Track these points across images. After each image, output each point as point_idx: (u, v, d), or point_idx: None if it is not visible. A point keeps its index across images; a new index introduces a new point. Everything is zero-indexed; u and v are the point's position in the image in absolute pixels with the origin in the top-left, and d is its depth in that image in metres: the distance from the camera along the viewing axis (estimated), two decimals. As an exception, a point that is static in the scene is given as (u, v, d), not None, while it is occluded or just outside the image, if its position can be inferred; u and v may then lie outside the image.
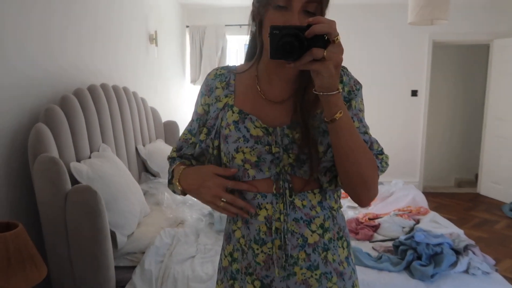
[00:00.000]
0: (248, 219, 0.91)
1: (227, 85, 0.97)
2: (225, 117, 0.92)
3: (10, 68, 1.73)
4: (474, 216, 4.32)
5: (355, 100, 0.90)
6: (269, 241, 0.89)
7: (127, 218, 2.00)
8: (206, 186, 0.88)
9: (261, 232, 0.89)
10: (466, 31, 4.81)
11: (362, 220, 2.45)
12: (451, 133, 5.90)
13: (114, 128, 2.48)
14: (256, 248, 0.90)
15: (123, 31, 3.03)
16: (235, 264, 0.95)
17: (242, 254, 0.93)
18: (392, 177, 3.86)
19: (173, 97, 4.50)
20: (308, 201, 0.89)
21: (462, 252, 1.89)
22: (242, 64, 1.01)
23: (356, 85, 0.92)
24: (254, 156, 0.88)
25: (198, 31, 4.83)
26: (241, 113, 0.91)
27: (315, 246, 0.89)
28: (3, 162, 1.70)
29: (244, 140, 0.89)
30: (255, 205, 0.90)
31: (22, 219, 1.78)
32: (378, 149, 0.92)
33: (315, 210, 0.89)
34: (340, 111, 0.76)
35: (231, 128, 0.90)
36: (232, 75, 0.98)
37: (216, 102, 0.96)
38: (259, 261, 0.90)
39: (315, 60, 0.72)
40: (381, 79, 4.98)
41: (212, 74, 1.00)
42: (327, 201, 0.91)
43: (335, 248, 0.92)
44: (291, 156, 0.87)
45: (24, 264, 1.34)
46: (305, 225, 0.88)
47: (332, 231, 0.92)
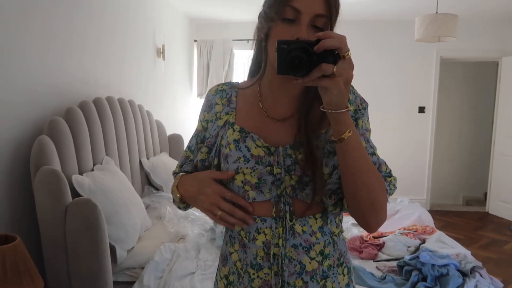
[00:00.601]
0: (246, 243, 0.88)
1: (229, 102, 0.93)
2: (226, 135, 0.89)
3: (17, 80, 1.75)
4: (483, 236, 4.23)
5: (362, 119, 0.86)
6: (266, 267, 0.86)
7: (128, 232, 1.98)
8: (204, 193, 0.85)
9: (258, 257, 0.86)
10: (475, 48, 4.79)
11: (367, 238, 2.41)
12: (459, 150, 5.84)
13: (118, 140, 2.49)
14: (252, 273, 0.87)
15: (131, 45, 3.07)
16: (230, 287, 0.92)
17: (238, 277, 0.90)
18: (398, 195, 3.80)
19: (179, 111, 4.52)
20: (309, 226, 0.85)
21: (468, 274, 1.84)
22: (245, 81, 0.98)
23: (363, 104, 0.88)
24: (255, 178, 0.85)
25: (206, 45, 4.87)
26: (242, 131, 0.87)
27: (313, 274, 0.85)
28: (5, 174, 1.70)
29: (244, 160, 0.85)
30: (254, 229, 0.86)
31: (22, 231, 1.77)
32: (387, 171, 0.86)
33: (315, 236, 0.85)
34: (349, 130, 0.73)
35: (231, 147, 0.87)
36: (234, 92, 0.95)
37: (216, 120, 0.92)
38: (255, 286, 0.87)
39: (324, 76, 0.68)
40: (388, 96, 4.96)
41: (213, 90, 0.97)
42: (328, 226, 0.87)
43: (334, 275, 0.88)
44: (293, 177, 0.83)
45: (20, 278, 1.33)
46: (304, 252, 0.85)
47: (332, 257, 0.88)
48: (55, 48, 2.04)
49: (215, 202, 0.83)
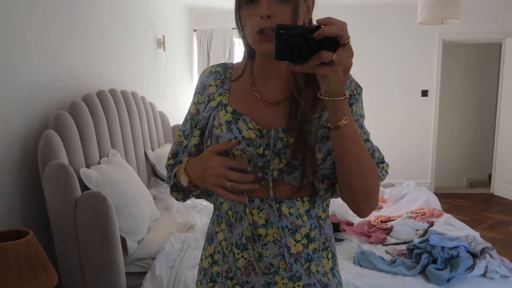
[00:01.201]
0: (232, 222, 0.88)
1: (222, 83, 0.92)
2: (218, 116, 0.88)
3: (19, 75, 1.74)
4: (488, 217, 4.24)
5: (356, 105, 0.85)
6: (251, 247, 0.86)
7: (137, 223, 1.98)
8: (210, 167, 0.81)
9: (243, 237, 0.87)
10: (477, 30, 4.74)
11: (374, 223, 2.41)
12: (462, 133, 5.82)
13: (123, 133, 2.48)
14: (237, 253, 0.88)
15: (131, 36, 3.04)
16: (215, 266, 0.93)
17: (223, 257, 0.91)
18: (403, 179, 3.80)
19: (181, 101, 4.50)
20: (296, 209, 0.85)
21: (479, 255, 1.84)
22: (239, 62, 0.96)
23: (357, 89, 0.87)
24: (245, 159, 0.84)
25: (206, 34, 4.83)
26: (235, 113, 0.86)
27: (297, 256, 0.86)
28: (14, 169, 1.70)
29: None
30: (241, 208, 0.86)
31: (33, 226, 1.78)
32: (379, 157, 0.87)
33: (301, 219, 0.86)
34: (345, 118, 0.72)
35: (223, 128, 0.86)
36: (228, 73, 0.94)
37: (209, 101, 0.91)
38: (240, 266, 0.88)
39: (323, 63, 0.67)
40: (390, 80, 4.93)
41: (207, 71, 0.96)
42: (315, 210, 0.88)
43: (319, 259, 0.88)
44: (282, 161, 0.83)
45: (35, 272, 1.34)
46: (289, 234, 0.85)
47: (318, 241, 0.88)
48: (56, 42, 2.02)
49: (221, 173, 0.80)
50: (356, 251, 2.01)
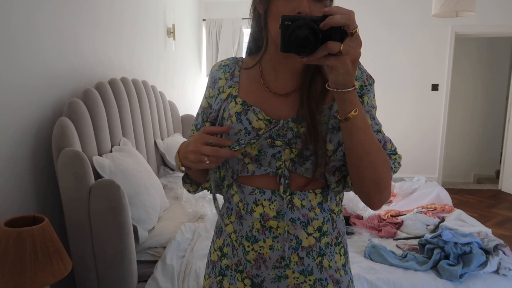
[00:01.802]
0: (243, 214, 0.87)
1: (232, 76, 0.92)
2: (228, 108, 0.87)
3: (33, 64, 1.73)
4: (497, 214, 4.22)
5: (368, 95, 0.84)
6: (261, 240, 0.85)
7: (149, 212, 1.99)
8: (189, 144, 0.80)
9: (254, 229, 0.85)
10: (490, 24, 4.67)
11: (385, 217, 2.40)
12: (471, 128, 5.78)
13: (134, 121, 2.48)
14: (247, 245, 0.86)
15: (142, 25, 3.02)
16: (224, 259, 0.92)
17: (232, 250, 0.89)
18: (410, 173, 3.80)
19: (190, 91, 4.49)
20: (308, 201, 0.84)
21: (492, 252, 1.83)
22: (248, 57, 0.96)
23: (369, 80, 0.85)
24: (255, 150, 0.84)
25: (215, 24, 4.79)
26: (244, 104, 0.86)
27: (309, 250, 0.85)
28: (29, 156, 1.70)
29: (245, 133, 0.84)
30: (252, 200, 0.85)
31: (46, 213, 1.78)
32: (392, 148, 0.85)
33: (314, 212, 0.84)
34: (355, 109, 0.71)
35: (232, 119, 0.85)
36: (237, 67, 0.94)
37: (219, 94, 0.91)
38: (250, 259, 0.86)
39: (330, 54, 0.65)
40: (401, 73, 4.88)
41: (217, 65, 0.96)
42: (328, 203, 0.86)
43: (331, 254, 0.87)
44: (293, 151, 0.82)
45: (50, 258, 1.34)
46: (301, 227, 0.84)
47: (330, 235, 0.87)
48: (68, 31, 2.00)
49: (196, 149, 0.77)
50: (367, 245, 2.00)
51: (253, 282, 0.87)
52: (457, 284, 1.71)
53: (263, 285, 0.86)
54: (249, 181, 0.87)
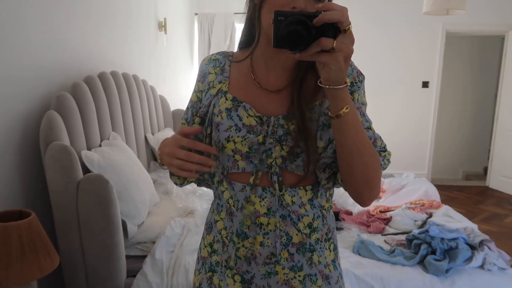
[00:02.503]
0: (233, 211, 0.87)
1: (222, 71, 0.91)
2: (218, 103, 0.87)
3: (22, 56, 1.70)
4: (483, 210, 4.29)
5: (358, 92, 0.84)
6: (252, 236, 0.85)
7: (138, 207, 1.98)
8: (165, 145, 0.80)
9: (244, 226, 0.85)
10: (481, 22, 4.71)
11: (373, 212, 2.42)
12: (460, 126, 5.84)
13: (124, 116, 2.46)
14: (237, 242, 0.86)
15: (133, 18, 2.99)
16: (214, 256, 0.92)
17: (222, 246, 0.90)
18: (399, 169, 3.83)
19: (181, 86, 4.47)
20: (299, 197, 0.84)
21: (477, 247, 1.86)
22: (239, 51, 0.95)
23: (359, 77, 0.85)
24: (246, 147, 0.83)
25: (207, 18, 4.77)
26: (235, 100, 0.86)
27: (299, 246, 0.85)
28: (16, 150, 1.68)
29: (236, 129, 0.84)
30: (243, 197, 0.85)
31: (34, 207, 1.77)
32: (381, 145, 0.85)
33: (304, 208, 0.85)
34: (346, 106, 0.71)
35: (223, 115, 0.85)
36: (228, 61, 0.93)
37: (209, 89, 0.90)
38: (240, 255, 0.87)
39: (323, 50, 0.65)
40: (391, 70, 4.91)
41: (206, 59, 0.95)
42: (318, 200, 0.86)
43: (321, 249, 0.88)
44: (284, 148, 0.82)
45: (37, 253, 1.33)
46: (291, 224, 0.84)
47: (321, 231, 0.87)
48: (58, 23, 1.98)
49: (170, 152, 0.78)
50: (355, 240, 2.02)
51: (243, 278, 0.87)
52: (443, 278, 1.73)
53: (253, 281, 0.86)
54: (240, 177, 0.86)
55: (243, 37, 0.93)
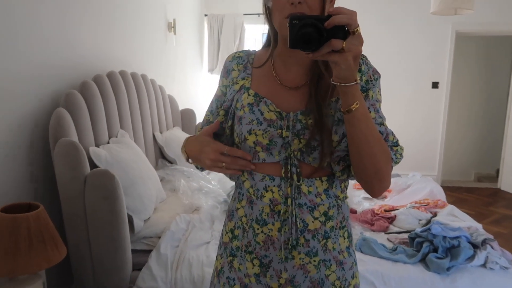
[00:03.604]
0: (253, 199, 0.93)
1: (245, 68, 0.99)
2: (241, 99, 0.94)
3: (34, 53, 1.77)
4: (494, 212, 4.23)
5: (373, 90, 0.90)
6: (270, 223, 0.91)
7: (144, 203, 2.03)
8: (204, 152, 0.90)
9: (263, 213, 0.92)
10: (491, 22, 4.66)
11: (378, 211, 2.43)
12: (472, 127, 5.77)
13: (132, 114, 2.51)
14: (257, 228, 0.92)
15: (142, 19, 3.05)
16: (235, 241, 0.97)
17: (243, 232, 0.95)
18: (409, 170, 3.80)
19: (191, 86, 4.52)
20: (315, 187, 0.90)
21: (480, 246, 1.85)
22: (261, 50, 1.02)
23: (375, 75, 0.91)
24: (266, 139, 0.90)
25: (217, 19, 4.81)
26: (257, 96, 0.93)
27: (315, 233, 0.90)
28: (26, 145, 1.74)
29: (257, 123, 0.90)
30: (262, 187, 0.92)
31: (43, 201, 1.83)
32: (394, 140, 0.91)
33: (320, 198, 0.90)
34: (356, 102, 0.76)
35: (245, 110, 0.92)
36: (250, 59, 1.00)
37: (233, 85, 0.98)
38: (259, 241, 0.92)
39: (334, 51, 0.71)
40: (401, 70, 4.88)
41: (231, 56, 1.03)
42: (333, 190, 0.92)
43: (336, 237, 0.93)
44: (302, 141, 0.88)
45: (45, 244, 1.38)
46: (308, 211, 0.90)
47: (336, 220, 0.92)
48: (69, 21, 2.04)
49: (215, 158, 0.88)
50: (358, 238, 2.03)
51: (262, 262, 0.93)
52: (444, 276, 1.74)
53: (271, 265, 0.92)
54: (260, 168, 0.92)
55: (266, 38, 1.01)
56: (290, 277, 0.91)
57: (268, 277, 0.92)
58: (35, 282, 1.43)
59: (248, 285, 0.95)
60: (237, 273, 0.97)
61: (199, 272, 1.82)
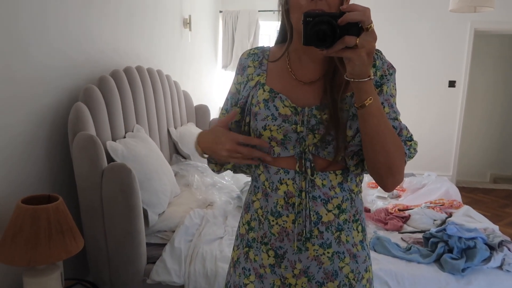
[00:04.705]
0: (268, 192, 0.94)
1: (260, 65, 0.99)
2: (256, 95, 0.95)
3: (52, 49, 1.80)
4: (510, 214, 4.16)
5: (387, 85, 0.90)
6: (285, 215, 0.92)
7: (159, 197, 2.05)
8: (220, 142, 0.89)
9: (278, 205, 0.93)
10: (510, 20, 4.56)
11: (392, 210, 2.41)
12: (488, 127, 5.67)
13: (148, 109, 2.54)
14: (272, 220, 0.94)
15: (158, 15, 3.07)
16: (251, 232, 0.99)
17: (259, 224, 0.97)
18: (424, 170, 3.76)
19: (205, 82, 4.54)
20: (329, 181, 0.91)
21: (496, 248, 1.83)
22: (276, 46, 1.02)
23: (390, 70, 0.91)
24: (281, 134, 0.90)
25: (231, 16, 4.82)
26: (272, 91, 0.93)
27: (328, 225, 0.91)
28: (46, 138, 1.78)
29: (272, 118, 0.91)
30: (277, 180, 0.93)
31: (61, 193, 1.86)
32: (407, 135, 0.91)
33: (334, 191, 0.91)
34: (370, 98, 0.77)
35: (261, 106, 0.93)
36: (266, 55, 1.00)
37: (248, 81, 0.98)
38: (274, 232, 0.94)
39: (347, 47, 0.71)
40: (417, 68, 4.82)
41: (246, 53, 1.03)
42: (348, 184, 0.92)
43: (349, 229, 0.94)
44: (316, 136, 0.89)
45: (63, 236, 1.42)
46: (321, 204, 0.91)
47: (349, 213, 0.93)
48: (91, 16, 2.08)
49: (231, 148, 0.88)
50: (371, 237, 2.02)
51: (277, 253, 0.94)
52: (459, 277, 1.72)
53: (285, 256, 0.94)
54: (275, 161, 0.94)
55: (279, 33, 1.01)
56: (304, 268, 0.93)
57: (283, 268, 0.94)
58: (54, 272, 1.46)
59: (263, 275, 0.97)
60: (253, 263, 0.98)
61: (212, 266, 1.83)
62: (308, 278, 0.93)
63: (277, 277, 0.95)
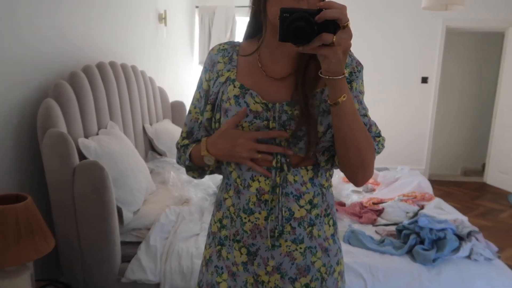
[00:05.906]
0: (240, 189, 0.94)
1: (230, 60, 0.97)
2: (226, 91, 0.93)
3: (21, 42, 1.74)
4: (480, 205, 4.31)
5: (356, 82, 0.91)
6: (257, 212, 0.92)
7: (134, 195, 2.02)
8: (238, 144, 0.88)
9: (250, 202, 0.93)
10: (481, 18, 4.71)
11: (366, 204, 2.46)
12: (460, 122, 5.85)
13: (122, 106, 2.49)
14: (244, 217, 0.94)
15: (133, 9, 3.02)
16: (223, 230, 0.98)
17: (231, 221, 0.97)
18: (398, 164, 3.85)
19: (181, 78, 4.49)
20: (300, 176, 0.91)
21: (465, 238, 1.89)
22: (245, 41, 1.00)
23: (358, 67, 0.92)
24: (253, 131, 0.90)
25: (208, 12, 4.78)
26: (242, 87, 0.92)
27: (300, 221, 0.92)
28: (13, 136, 1.72)
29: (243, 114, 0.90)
30: (249, 176, 0.92)
31: (31, 192, 1.81)
32: (376, 131, 0.93)
33: (305, 186, 0.92)
34: (344, 95, 0.77)
35: (231, 102, 0.92)
36: (235, 51, 0.99)
37: (218, 77, 0.96)
38: (246, 230, 0.94)
39: (324, 44, 0.71)
40: (391, 64, 4.91)
41: (215, 49, 1.01)
42: (319, 179, 0.94)
43: (321, 224, 0.95)
44: (288, 132, 0.89)
45: (33, 235, 1.38)
46: (294, 200, 0.91)
47: (320, 207, 0.94)
48: (63, 9, 2.02)
49: (252, 147, 0.88)
50: (346, 230, 2.06)
51: (249, 251, 0.94)
52: (430, 268, 1.77)
53: (258, 253, 0.93)
54: None
55: (249, 28, 0.99)
56: (277, 264, 0.93)
57: (256, 265, 0.94)
58: (23, 273, 1.42)
59: (236, 273, 0.96)
60: (225, 261, 0.98)
61: (188, 263, 1.82)
62: (281, 274, 0.94)
63: (250, 274, 0.95)
